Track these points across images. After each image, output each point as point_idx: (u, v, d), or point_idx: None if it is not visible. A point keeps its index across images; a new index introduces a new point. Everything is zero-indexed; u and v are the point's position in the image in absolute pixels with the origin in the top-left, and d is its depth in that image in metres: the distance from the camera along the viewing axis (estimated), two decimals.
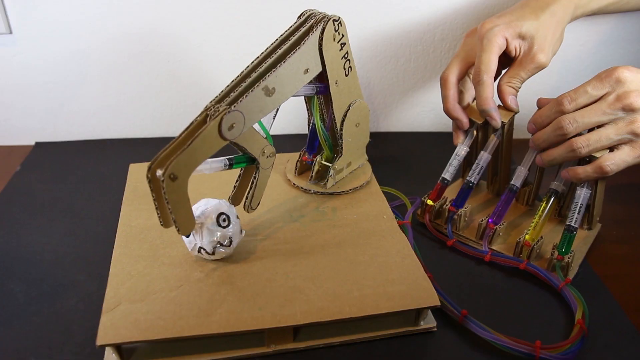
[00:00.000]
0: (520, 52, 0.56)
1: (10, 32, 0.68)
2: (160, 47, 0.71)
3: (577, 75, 0.80)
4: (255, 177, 0.49)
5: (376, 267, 0.48)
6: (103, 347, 0.40)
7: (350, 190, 0.59)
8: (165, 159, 0.41)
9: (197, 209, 0.46)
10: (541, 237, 0.54)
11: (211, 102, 0.44)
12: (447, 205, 0.58)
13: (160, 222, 0.43)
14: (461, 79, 0.59)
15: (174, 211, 0.41)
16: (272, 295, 0.44)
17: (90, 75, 0.72)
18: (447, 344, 0.46)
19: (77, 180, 0.67)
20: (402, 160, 0.74)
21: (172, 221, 0.42)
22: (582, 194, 0.53)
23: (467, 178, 0.58)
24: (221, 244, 0.46)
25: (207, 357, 0.42)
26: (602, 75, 0.49)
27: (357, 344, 0.45)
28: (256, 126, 0.48)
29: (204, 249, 0.46)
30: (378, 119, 0.81)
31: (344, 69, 0.53)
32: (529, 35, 0.55)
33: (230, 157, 0.47)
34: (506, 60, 0.58)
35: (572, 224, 0.53)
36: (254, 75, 0.45)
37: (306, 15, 0.50)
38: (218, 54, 0.72)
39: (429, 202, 0.59)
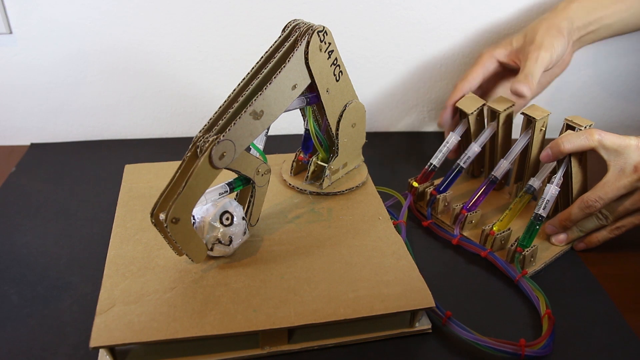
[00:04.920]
0: (520, 57, 0.62)
1: (10, 32, 0.68)
2: (159, 47, 0.71)
3: (577, 75, 0.79)
4: (252, 196, 0.49)
5: (371, 268, 0.48)
6: (97, 349, 0.40)
7: (346, 190, 0.59)
8: (165, 202, 0.42)
9: (205, 204, 0.47)
10: (509, 229, 0.55)
11: (200, 131, 0.44)
12: (429, 189, 0.61)
13: (175, 251, 0.45)
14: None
15: (182, 247, 0.44)
16: (267, 297, 0.44)
17: (90, 76, 0.72)
18: (445, 345, 0.45)
19: (72, 181, 0.67)
20: (399, 160, 0.74)
21: (182, 252, 0.44)
22: (549, 190, 0.54)
23: (457, 161, 0.60)
24: (220, 242, 0.46)
25: (201, 359, 0.42)
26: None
27: (351, 346, 0.45)
28: None
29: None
30: (376, 119, 0.81)
31: (334, 75, 0.52)
32: (518, 40, 0.64)
33: (230, 181, 0.48)
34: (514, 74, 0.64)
35: (539, 213, 0.53)
36: (240, 99, 0.45)
37: (290, 27, 0.49)
38: (217, 54, 0.72)
39: (414, 183, 0.62)
